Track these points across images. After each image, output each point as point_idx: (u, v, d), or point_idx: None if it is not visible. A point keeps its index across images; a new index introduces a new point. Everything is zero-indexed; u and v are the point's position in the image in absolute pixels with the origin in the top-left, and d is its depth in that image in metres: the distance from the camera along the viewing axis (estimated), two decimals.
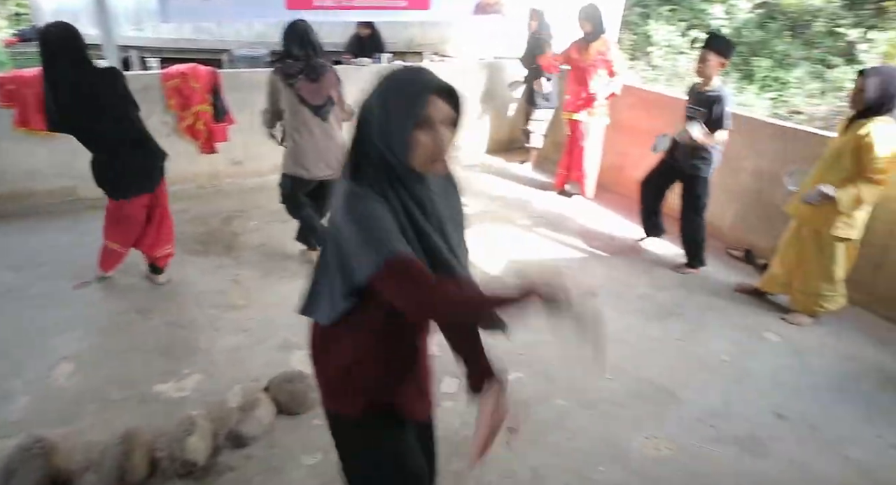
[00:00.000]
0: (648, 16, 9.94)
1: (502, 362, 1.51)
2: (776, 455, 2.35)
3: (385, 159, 1.13)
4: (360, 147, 1.15)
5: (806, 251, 3.16)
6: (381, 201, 1.12)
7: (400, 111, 1.10)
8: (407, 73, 1.15)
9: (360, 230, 1.09)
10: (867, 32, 7.76)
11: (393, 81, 1.13)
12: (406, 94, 1.11)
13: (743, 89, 8.38)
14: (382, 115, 1.11)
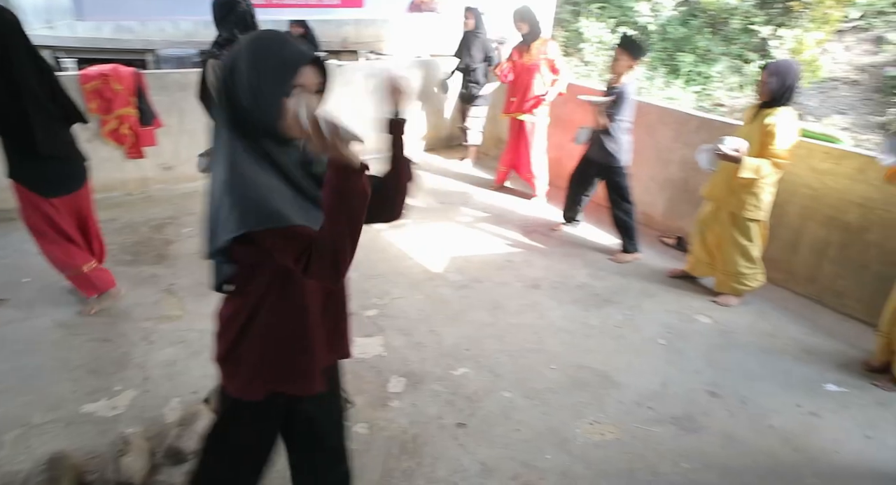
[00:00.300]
0: (579, 13, 10.22)
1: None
2: (710, 430, 2.48)
3: (259, 122, 1.16)
4: (234, 102, 1.16)
5: (724, 233, 3.35)
6: (262, 163, 1.16)
7: (275, 77, 1.14)
8: (278, 40, 1.18)
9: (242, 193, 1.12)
10: (777, 30, 8.25)
11: (265, 47, 1.16)
12: (281, 62, 1.15)
13: (670, 84, 8.74)
14: (254, 79, 1.14)
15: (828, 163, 3.41)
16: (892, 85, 7.14)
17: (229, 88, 1.16)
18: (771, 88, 3.01)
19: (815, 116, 7.38)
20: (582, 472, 2.22)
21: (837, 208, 3.39)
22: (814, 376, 2.86)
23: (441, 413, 2.49)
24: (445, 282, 3.56)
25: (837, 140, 3.56)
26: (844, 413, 2.61)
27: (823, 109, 7.48)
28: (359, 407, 2.48)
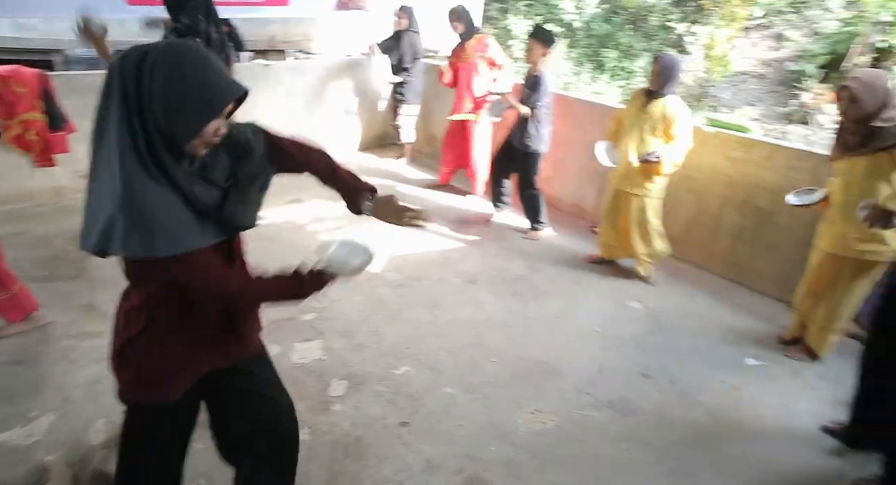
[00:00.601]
0: (507, 10, 10.38)
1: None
2: (644, 411, 2.59)
3: (166, 137, 1.13)
4: (143, 111, 1.11)
5: (633, 217, 3.54)
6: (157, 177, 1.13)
7: (199, 107, 1.13)
8: (211, 67, 1.14)
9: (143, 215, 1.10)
10: (691, 27, 8.70)
11: (196, 71, 1.12)
12: (211, 95, 1.14)
13: (596, 78, 9.04)
14: (176, 101, 1.11)
15: (739, 151, 3.63)
16: (794, 78, 7.69)
17: (142, 95, 1.10)
18: (663, 79, 3.27)
19: (728, 108, 7.84)
20: (526, 461, 2.26)
21: (750, 194, 3.61)
22: (736, 353, 3.04)
23: (384, 413, 2.48)
24: (384, 282, 3.54)
25: (747, 129, 3.79)
26: (763, 385, 2.78)
27: (735, 101, 7.96)
28: (299, 412, 2.41)
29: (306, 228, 4.26)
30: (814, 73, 7.51)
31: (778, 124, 7.31)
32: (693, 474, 2.25)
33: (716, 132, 3.73)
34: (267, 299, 1.38)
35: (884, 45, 6.99)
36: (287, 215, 4.46)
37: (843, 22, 7.78)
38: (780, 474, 2.27)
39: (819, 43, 7.90)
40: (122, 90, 1.10)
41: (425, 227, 1.60)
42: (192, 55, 1.13)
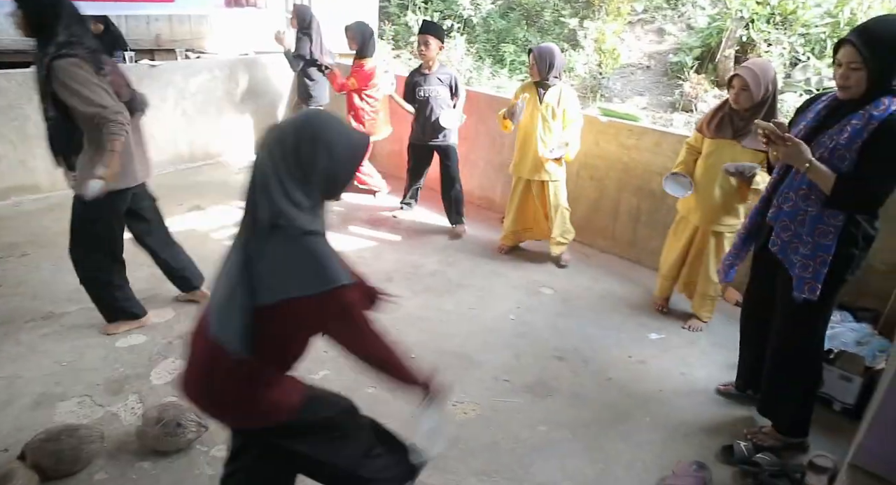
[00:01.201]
0: (406, 7, 10.37)
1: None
2: (560, 392, 2.70)
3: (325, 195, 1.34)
4: (307, 174, 1.28)
5: (550, 202, 3.71)
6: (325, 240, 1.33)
7: (349, 165, 1.35)
8: (346, 132, 1.34)
9: (312, 261, 1.28)
10: (582, 22, 9.12)
11: (340, 137, 1.31)
12: (355, 155, 1.36)
13: (497, 73, 9.25)
14: (333, 165, 1.30)
15: (632, 139, 3.86)
16: (676, 70, 8.29)
17: (306, 162, 1.27)
18: (541, 68, 3.46)
19: (619, 98, 8.30)
20: (450, 452, 2.29)
21: (644, 178, 3.85)
22: (640, 329, 3.24)
23: None
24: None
25: (638, 118, 4.04)
26: (664, 357, 2.99)
27: (626, 92, 8.45)
28: (213, 429, 2.31)
29: (211, 235, 4.06)
30: (691, 64, 8.13)
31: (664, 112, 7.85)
32: (606, 447, 2.38)
33: (609, 122, 3.94)
34: (386, 364, 1.58)
35: (746, 39, 7.70)
36: (188, 224, 4.22)
37: (712, 18, 8.47)
38: (684, 435, 2.45)
39: (693, 37, 8.56)
40: (291, 160, 1.28)
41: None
42: (342, 129, 1.34)
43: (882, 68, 1.83)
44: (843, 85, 1.90)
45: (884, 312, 2.95)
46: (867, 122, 1.86)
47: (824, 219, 1.98)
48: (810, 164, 1.90)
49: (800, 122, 2.11)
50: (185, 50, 6.28)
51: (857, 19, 7.60)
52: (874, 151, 1.86)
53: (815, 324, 2.19)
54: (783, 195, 2.08)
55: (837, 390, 2.56)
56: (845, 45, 1.86)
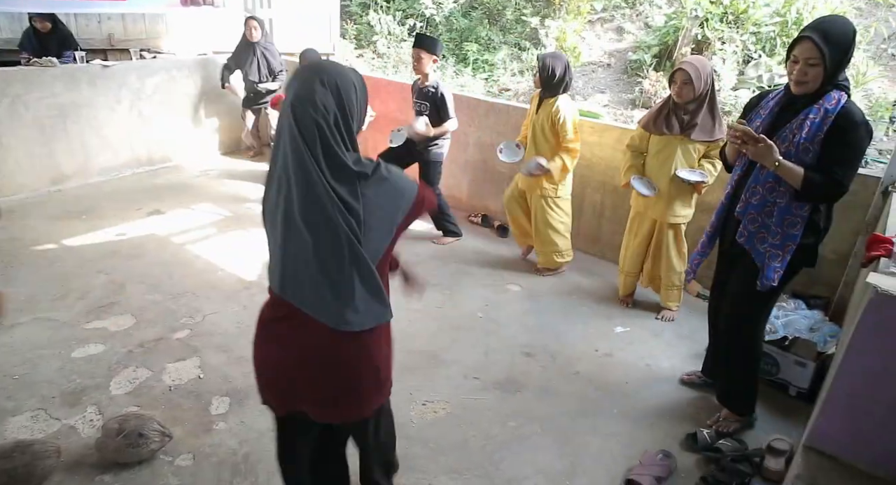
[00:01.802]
0: (369, 6, 10.29)
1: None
2: (529, 388, 2.73)
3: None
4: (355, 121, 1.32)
5: (539, 215, 3.68)
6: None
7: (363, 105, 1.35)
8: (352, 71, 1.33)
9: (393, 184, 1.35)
10: (543, 21, 9.22)
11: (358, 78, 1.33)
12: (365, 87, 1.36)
13: (460, 72, 9.27)
14: (360, 105, 1.32)
15: (594, 136, 3.92)
16: (635, 67, 8.46)
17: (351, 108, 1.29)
18: (543, 79, 3.37)
19: (581, 96, 8.43)
20: (420, 452, 2.30)
21: (606, 174, 3.92)
22: (605, 323, 3.29)
23: (273, 425, 2.38)
24: (262, 289, 3.36)
25: (599, 115, 4.11)
26: (630, 349, 3.05)
27: (587, 90, 8.58)
28: (178, 438, 2.26)
29: (172, 240, 3.97)
30: (650, 62, 8.31)
31: (625, 109, 8.01)
32: (575, 439, 2.41)
33: None
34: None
35: (701, 38, 7.92)
36: (148, 228, 4.12)
37: (668, 17, 8.69)
38: (650, 425, 2.51)
39: (651, 35, 8.76)
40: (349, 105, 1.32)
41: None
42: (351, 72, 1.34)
43: (835, 65, 1.92)
44: (801, 80, 1.96)
45: (833, 300, 3.07)
46: (824, 115, 1.95)
47: (792, 210, 2.06)
48: (779, 162, 1.97)
49: (753, 118, 2.18)
50: (139, 50, 6.10)
51: (803, 19, 7.90)
52: (834, 143, 1.95)
53: (766, 310, 2.30)
54: (750, 189, 2.14)
55: (792, 376, 2.66)
56: (804, 42, 1.92)
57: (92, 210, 4.37)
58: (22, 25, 5.52)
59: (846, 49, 1.92)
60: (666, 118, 2.95)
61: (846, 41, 1.92)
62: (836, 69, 1.94)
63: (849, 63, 2.00)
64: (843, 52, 1.92)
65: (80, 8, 5.30)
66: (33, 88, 4.49)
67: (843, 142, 1.95)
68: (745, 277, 2.21)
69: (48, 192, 4.59)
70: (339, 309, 1.31)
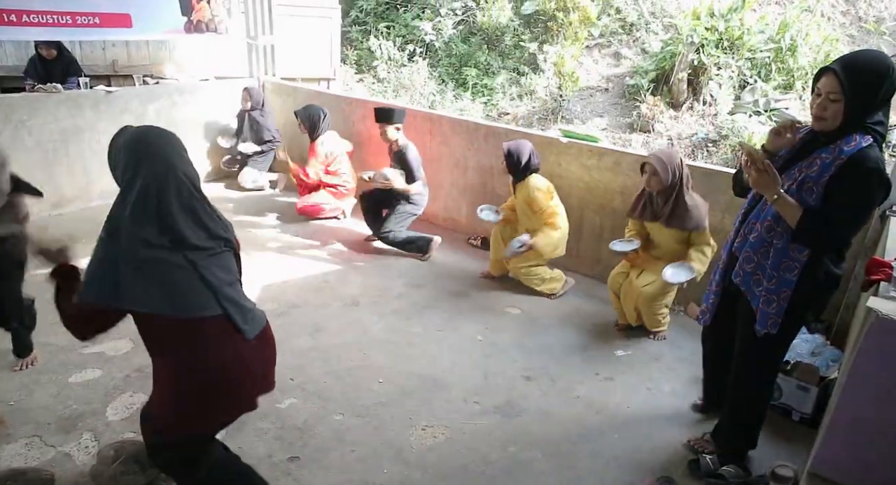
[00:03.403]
0: (369, 32, 10.47)
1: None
2: (529, 412, 2.70)
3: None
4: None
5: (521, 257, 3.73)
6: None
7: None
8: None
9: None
10: (542, 46, 9.38)
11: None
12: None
13: (460, 96, 9.39)
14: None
15: (592, 159, 3.96)
16: (632, 92, 8.58)
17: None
18: (509, 164, 3.57)
19: (580, 120, 8.52)
20: (419, 478, 2.26)
21: (605, 198, 3.94)
22: (606, 346, 3.27)
23: (271, 451, 2.35)
24: None
25: (597, 139, 4.16)
26: (630, 373, 3.03)
27: (585, 114, 8.68)
28: None
29: None
30: (647, 86, 8.42)
31: (623, 133, 8.09)
32: (576, 465, 2.38)
33: (570, 143, 4.03)
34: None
35: (697, 63, 8.05)
36: None
37: (665, 43, 8.83)
38: (651, 450, 2.48)
39: (648, 61, 8.90)
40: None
41: None
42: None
43: (860, 103, 1.78)
44: (820, 115, 1.85)
45: (834, 323, 3.06)
46: (836, 156, 1.82)
47: (790, 253, 1.95)
48: (779, 195, 1.87)
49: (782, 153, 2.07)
50: (142, 76, 6.18)
51: (796, 45, 8.03)
52: (840, 187, 1.81)
53: (772, 357, 2.18)
54: (749, 225, 2.06)
55: (795, 400, 2.63)
56: (827, 74, 1.81)
57: (92, 234, 4.35)
58: (28, 52, 5.61)
59: (874, 86, 1.76)
60: (643, 207, 3.12)
61: (874, 77, 1.75)
62: (861, 107, 1.79)
63: (885, 104, 1.83)
64: (868, 89, 1.76)
65: (86, 36, 5.38)
66: (37, 114, 4.54)
67: (849, 187, 1.80)
68: (746, 319, 2.11)
69: (49, 215, 4.61)
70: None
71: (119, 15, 4.81)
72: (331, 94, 5.88)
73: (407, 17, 10.67)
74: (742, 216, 2.15)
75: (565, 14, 9.47)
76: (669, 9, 9.51)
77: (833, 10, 9.11)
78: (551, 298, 3.78)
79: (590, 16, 9.42)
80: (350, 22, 10.75)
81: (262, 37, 5.82)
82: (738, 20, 8.15)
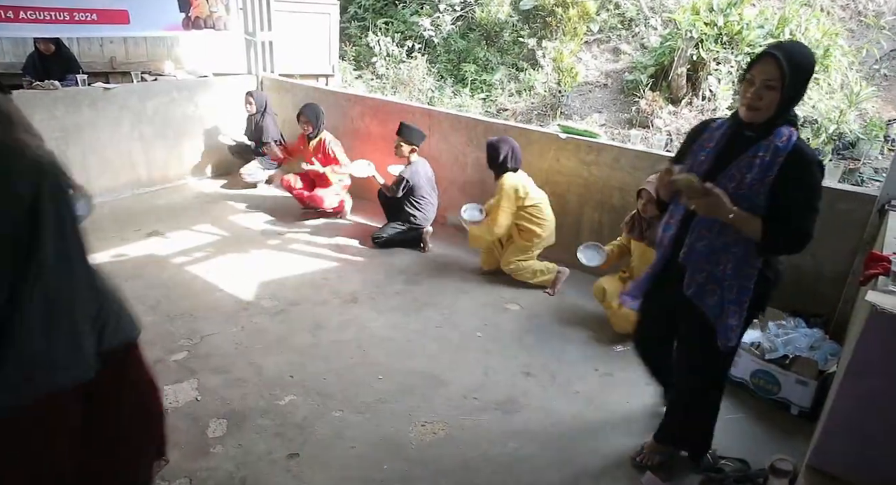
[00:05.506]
0: (367, 28, 10.44)
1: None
2: (529, 408, 2.70)
3: None
4: None
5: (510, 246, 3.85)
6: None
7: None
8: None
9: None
10: (540, 42, 9.36)
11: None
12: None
13: (458, 92, 9.37)
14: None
15: (591, 155, 3.95)
16: (631, 87, 8.56)
17: None
18: (488, 160, 3.71)
19: (579, 115, 8.52)
20: (420, 474, 2.27)
21: (604, 193, 3.94)
22: (605, 342, 3.28)
23: (271, 448, 2.36)
24: (260, 310, 3.39)
25: (596, 134, 4.16)
26: (629, 369, 3.03)
27: (584, 109, 8.67)
28: (174, 462, 2.23)
29: (171, 261, 3.96)
30: (646, 82, 8.41)
31: (622, 128, 8.09)
32: (575, 460, 2.38)
33: (568, 138, 4.03)
34: None
35: (696, 58, 8.04)
36: (147, 249, 4.12)
37: (664, 38, 8.82)
38: None
39: (647, 56, 8.88)
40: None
41: None
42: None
43: (794, 92, 1.76)
44: (754, 105, 1.77)
45: (833, 317, 3.07)
46: (774, 154, 1.77)
47: (749, 259, 1.87)
48: (734, 213, 1.76)
49: (698, 152, 1.95)
50: (141, 72, 6.16)
51: (796, 40, 8.02)
52: (792, 187, 1.77)
53: (727, 363, 2.13)
54: (695, 232, 1.92)
55: (794, 395, 2.64)
56: (765, 59, 1.73)
57: (91, 231, 4.35)
58: (26, 49, 5.59)
59: (806, 77, 1.77)
60: (632, 226, 3.24)
61: (808, 68, 1.76)
62: (793, 98, 1.78)
63: (803, 97, 1.83)
64: (803, 80, 1.77)
65: (84, 32, 5.35)
66: (35, 111, 4.52)
67: (801, 185, 1.77)
68: (700, 334, 1.99)
69: None
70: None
71: (117, 11, 4.79)
72: (330, 91, 5.87)
73: (405, 13, 10.64)
74: (681, 223, 1.98)
75: (564, 9, 9.44)
76: (668, 4, 9.49)
77: (832, 5, 9.09)
78: (550, 294, 3.79)
79: (589, 11, 9.41)
80: (348, 18, 10.73)
81: (260, 33, 5.81)
82: (737, 15, 8.13)
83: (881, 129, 7.27)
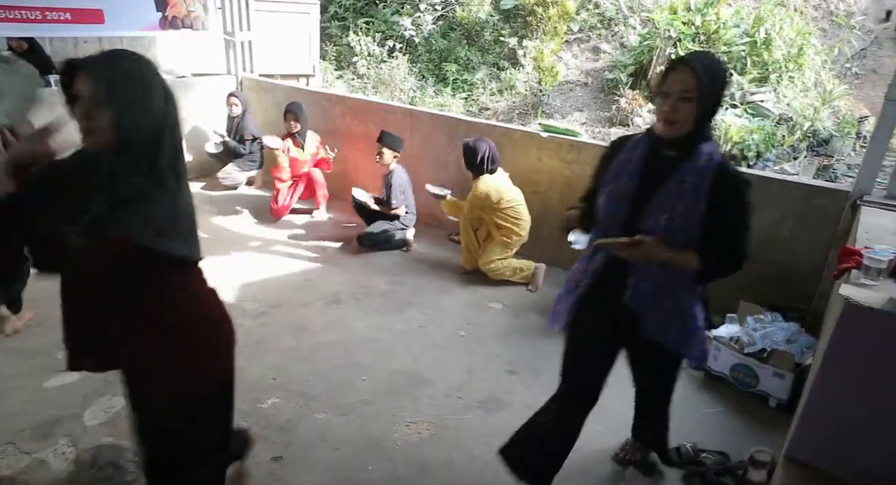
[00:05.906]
0: (348, 28, 10.40)
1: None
2: (513, 406, 2.71)
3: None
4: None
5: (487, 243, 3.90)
6: None
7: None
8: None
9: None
10: (521, 41, 9.41)
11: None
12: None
13: (440, 92, 9.38)
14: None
15: (573, 153, 3.98)
16: (611, 86, 8.65)
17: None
18: (465, 163, 3.78)
19: (560, 114, 8.58)
20: (405, 474, 2.27)
21: None
22: None
23: (254, 451, 2.33)
24: (241, 312, 3.35)
25: (577, 133, 4.19)
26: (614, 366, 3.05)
27: (566, 108, 8.74)
28: None
29: None
30: (626, 80, 8.50)
31: (602, 127, 8.16)
32: None
33: (550, 137, 4.05)
34: None
35: (674, 57, 8.14)
36: None
37: (642, 37, 8.92)
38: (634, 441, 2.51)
39: (626, 55, 8.98)
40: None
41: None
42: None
43: (712, 104, 1.66)
44: (672, 119, 1.65)
45: (809, 311, 3.13)
46: (700, 177, 1.66)
47: (693, 289, 1.81)
48: (672, 256, 1.66)
49: (619, 175, 1.80)
50: None
51: (771, 38, 8.16)
52: (725, 213, 1.67)
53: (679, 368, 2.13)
54: (637, 273, 1.78)
55: (771, 387, 2.69)
56: (680, 68, 1.63)
57: None
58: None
59: (722, 87, 1.66)
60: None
61: (723, 77, 1.66)
62: (710, 111, 1.68)
63: (719, 110, 1.73)
64: (719, 89, 1.65)
65: (57, 32, 5.26)
66: None
67: (733, 210, 1.68)
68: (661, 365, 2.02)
69: None
70: None
71: (91, 10, 4.72)
72: (311, 91, 5.84)
73: (386, 13, 10.62)
74: (603, 261, 1.87)
75: (544, 9, 9.50)
76: (647, 3, 9.59)
77: (805, 5, 9.27)
78: (532, 291, 3.82)
79: (568, 10, 9.47)
80: (329, 17, 10.67)
81: (239, 33, 5.75)
82: (713, 14, 8.26)
83: (853, 126, 7.43)
